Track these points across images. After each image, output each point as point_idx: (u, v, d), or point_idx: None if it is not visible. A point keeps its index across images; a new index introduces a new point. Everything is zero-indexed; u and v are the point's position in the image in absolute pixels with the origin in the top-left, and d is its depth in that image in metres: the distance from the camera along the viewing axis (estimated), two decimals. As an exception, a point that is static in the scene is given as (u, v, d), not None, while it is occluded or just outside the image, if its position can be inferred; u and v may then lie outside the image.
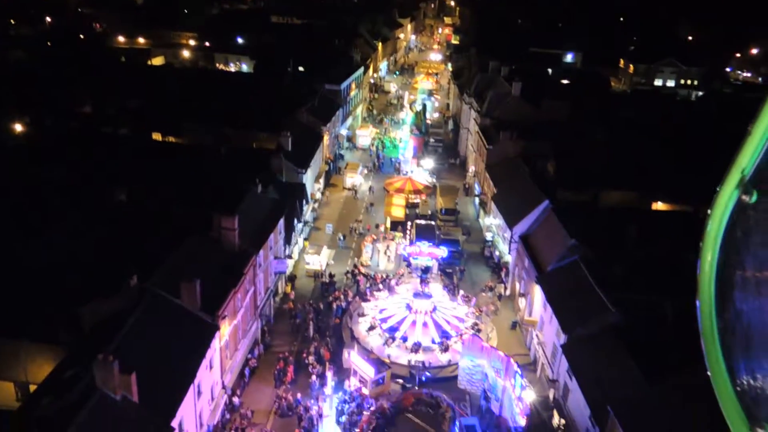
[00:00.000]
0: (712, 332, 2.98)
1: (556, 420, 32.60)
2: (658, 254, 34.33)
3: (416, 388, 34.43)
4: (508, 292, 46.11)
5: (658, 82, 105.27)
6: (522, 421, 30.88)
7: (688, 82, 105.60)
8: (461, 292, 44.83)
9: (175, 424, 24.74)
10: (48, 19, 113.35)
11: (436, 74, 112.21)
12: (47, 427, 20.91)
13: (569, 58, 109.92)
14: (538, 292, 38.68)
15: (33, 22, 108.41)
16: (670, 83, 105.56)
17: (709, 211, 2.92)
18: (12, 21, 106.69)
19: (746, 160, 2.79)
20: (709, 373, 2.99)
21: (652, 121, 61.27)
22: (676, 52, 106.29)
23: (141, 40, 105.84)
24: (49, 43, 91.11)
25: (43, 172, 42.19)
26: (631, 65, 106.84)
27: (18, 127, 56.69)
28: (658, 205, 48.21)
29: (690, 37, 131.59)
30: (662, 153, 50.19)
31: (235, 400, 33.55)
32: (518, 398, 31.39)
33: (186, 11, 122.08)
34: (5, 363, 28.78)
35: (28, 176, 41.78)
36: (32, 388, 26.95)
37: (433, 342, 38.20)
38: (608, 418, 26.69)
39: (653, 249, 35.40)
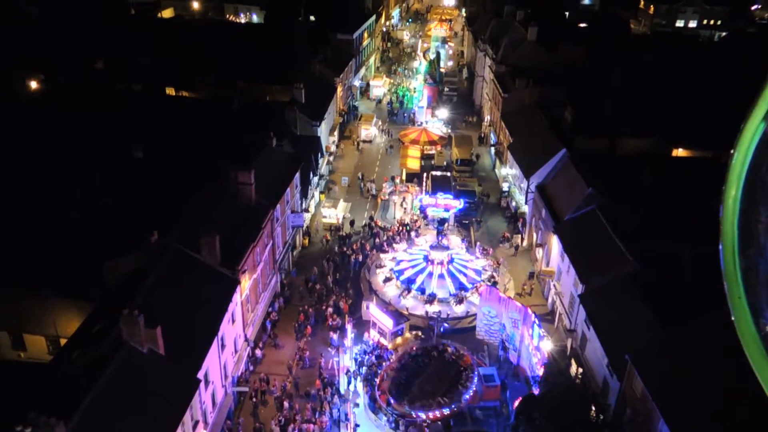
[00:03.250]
0: (735, 271, 2.97)
1: (574, 369, 33.09)
2: (677, 201, 33.94)
3: (434, 339, 34.99)
4: (524, 243, 46.14)
5: (679, 23, 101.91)
6: (540, 371, 31.42)
7: (711, 22, 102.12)
8: (478, 244, 44.93)
9: (200, 375, 25.50)
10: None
11: (450, 21, 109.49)
12: (78, 380, 21.67)
13: (587, 0, 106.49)
14: (555, 243, 38.68)
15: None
16: (693, 24, 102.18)
17: (733, 149, 2.86)
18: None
19: None
20: (731, 314, 2.99)
21: (673, 64, 59.56)
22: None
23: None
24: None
25: (58, 129, 42.36)
26: (652, 6, 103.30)
27: (33, 84, 56.57)
28: (679, 152, 47.42)
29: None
30: (683, 97, 48.95)
31: (258, 352, 34.39)
32: (536, 348, 31.85)
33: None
34: (36, 318, 29.73)
35: (44, 133, 41.97)
36: (62, 341, 27.84)
37: (450, 294, 38.59)
38: (626, 367, 27.03)
39: (672, 196, 35.03)
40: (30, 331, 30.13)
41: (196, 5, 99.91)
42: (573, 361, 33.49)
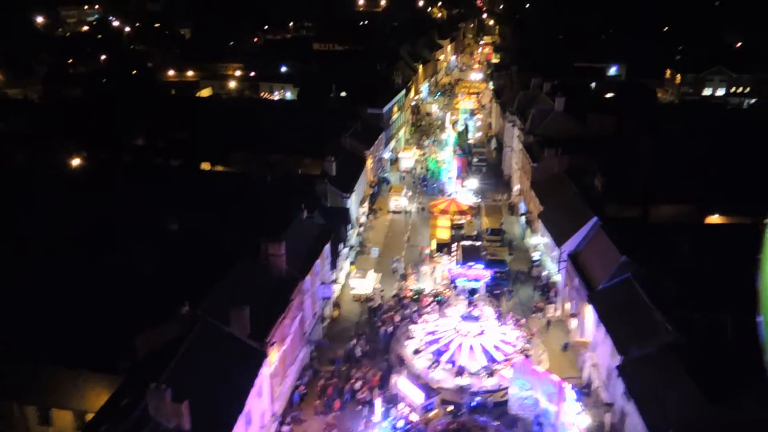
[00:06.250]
0: None
1: (614, 445, 31.48)
2: (714, 269, 33.03)
3: (466, 414, 33.80)
4: (558, 313, 45.07)
5: (707, 92, 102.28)
6: (577, 447, 29.96)
7: (739, 89, 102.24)
8: (510, 314, 44.08)
9: (226, 451, 24.95)
10: (103, 57, 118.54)
11: (478, 93, 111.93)
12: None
13: (613, 70, 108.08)
14: (589, 312, 37.69)
15: (89, 61, 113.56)
16: (720, 92, 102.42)
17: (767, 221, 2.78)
18: (70, 60, 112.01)
19: None
20: None
21: (703, 131, 59.38)
22: (725, 60, 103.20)
23: (189, 72, 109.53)
24: (104, 80, 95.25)
25: (98, 204, 43.84)
26: (678, 75, 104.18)
27: (75, 161, 59.17)
28: (713, 218, 46.52)
29: (738, 44, 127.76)
30: (715, 164, 48.52)
31: (285, 429, 33.62)
32: (572, 423, 30.50)
33: (232, 43, 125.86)
34: (64, 391, 29.75)
35: (85, 208, 43.45)
36: (89, 416, 27.71)
37: (481, 366, 37.55)
38: (669, 443, 25.60)
39: (709, 264, 34.12)
40: (58, 406, 30.11)
41: (233, 84, 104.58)
42: (613, 438, 31.90)
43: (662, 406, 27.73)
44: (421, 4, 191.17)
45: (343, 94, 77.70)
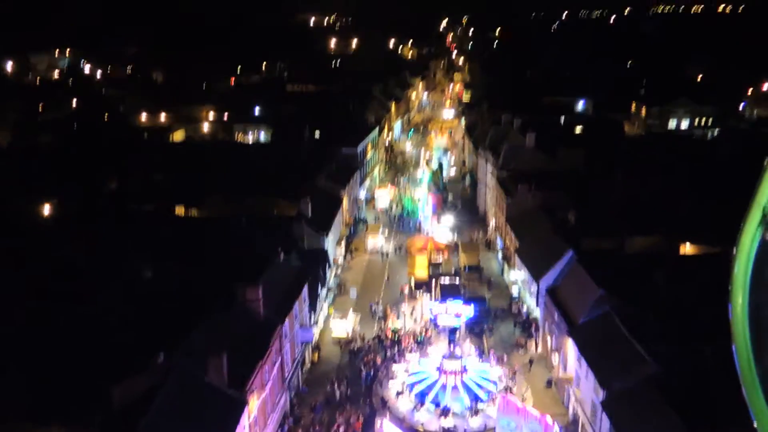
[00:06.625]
0: (752, 379, 2.83)
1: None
2: (689, 299, 33.41)
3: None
4: (539, 349, 44.98)
5: (671, 124, 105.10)
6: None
7: (702, 121, 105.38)
8: (492, 351, 43.85)
9: (206, 507, 24.07)
10: (74, 102, 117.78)
11: (450, 130, 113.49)
12: None
13: (581, 105, 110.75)
14: (571, 347, 37.70)
15: (60, 106, 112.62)
16: (685, 124, 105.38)
17: (734, 252, 2.79)
18: (40, 107, 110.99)
19: (766, 198, 2.66)
20: (753, 420, 2.80)
21: (670, 163, 60.88)
22: (688, 93, 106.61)
23: (162, 116, 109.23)
24: (75, 125, 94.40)
25: (69, 250, 42.92)
26: (644, 108, 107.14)
27: (46, 208, 58.13)
28: (686, 248, 47.28)
29: (700, 77, 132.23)
30: (684, 194, 49.58)
31: (267, 477, 32.66)
32: (559, 460, 30.17)
33: (204, 86, 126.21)
34: (35, 450, 28.48)
35: (55, 255, 42.49)
36: (63, 475, 26.55)
37: (465, 407, 37.12)
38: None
39: (684, 294, 34.52)
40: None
41: (206, 127, 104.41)
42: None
43: (647, 440, 27.63)
44: (391, 45, 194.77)
45: (317, 134, 78.13)
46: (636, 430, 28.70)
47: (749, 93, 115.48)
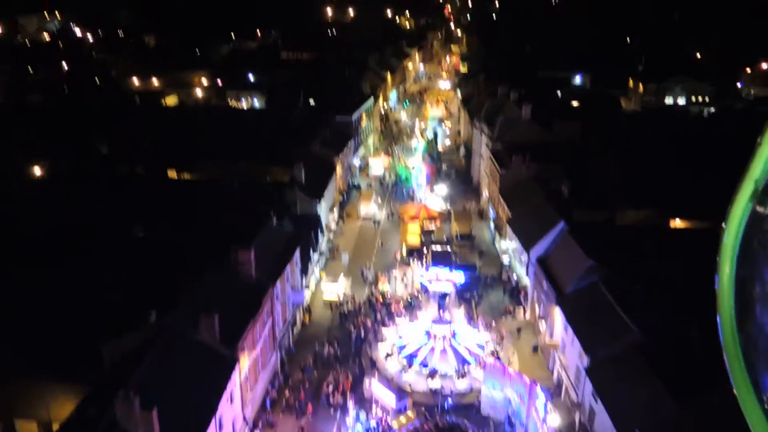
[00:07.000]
0: (734, 347, 2.95)
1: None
2: (678, 272, 33.81)
3: (439, 415, 33.87)
4: (527, 316, 45.58)
5: (668, 101, 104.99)
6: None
7: (699, 99, 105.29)
8: (480, 317, 44.39)
9: (197, 459, 24.55)
10: (65, 64, 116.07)
11: (446, 102, 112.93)
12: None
13: (578, 80, 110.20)
14: (558, 315, 38.23)
15: (50, 68, 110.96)
16: (681, 101, 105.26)
17: (724, 224, 2.89)
18: (30, 67, 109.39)
19: (759, 171, 2.76)
20: (734, 389, 2.94)
21: (666, 139, 60.97)
22: (686, 70, 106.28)
23: (155, 81, 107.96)
24: (65, 87, 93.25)
25: (61, 212, 42.83)
26: (641, 84, 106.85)
27: (37, 170, 57.73)
28: (677, 223, 47.68)
29: (699, 55, 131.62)
30: (677, 170, 49.80)
31: (257, 433, 33.24)
32: (543, 423, 30.82)
33: (198, 51, 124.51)
34: (28, 402, 28.89)
35: (48, 217, 42.40)
36: (55, 426, 26.96)
37: (453, 369, 37.73)
38: (637, 441, 26.05)
39: (673, 267, 34.92)
40: (23, 417, 29.20)
41: (199, 93, 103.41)
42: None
43: (630, 406, 28.24)
44: (389, 14, 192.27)
45: (312, 101, 77.59)
46: (618, 394, 29.29)
47: (747, 72, 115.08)
